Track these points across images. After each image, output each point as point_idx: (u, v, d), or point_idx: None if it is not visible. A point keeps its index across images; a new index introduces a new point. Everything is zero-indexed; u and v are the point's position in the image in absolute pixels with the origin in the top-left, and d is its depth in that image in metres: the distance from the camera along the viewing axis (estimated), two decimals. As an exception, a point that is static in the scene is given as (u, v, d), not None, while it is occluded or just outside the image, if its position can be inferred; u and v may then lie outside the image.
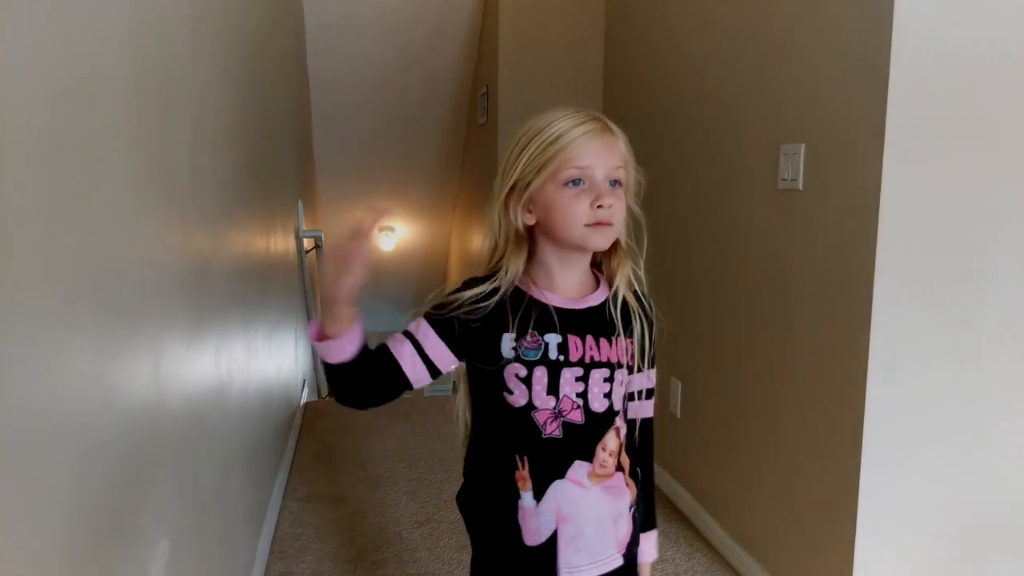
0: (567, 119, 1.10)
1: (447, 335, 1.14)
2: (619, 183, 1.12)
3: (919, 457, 1.80)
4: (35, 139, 0.77)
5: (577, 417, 1.15)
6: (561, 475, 1.16)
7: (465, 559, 2.37)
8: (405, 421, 3.87)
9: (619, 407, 1.19)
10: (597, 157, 1.10)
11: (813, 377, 1.97)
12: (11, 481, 0.72)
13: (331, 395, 5.74)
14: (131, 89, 1.11)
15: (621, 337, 1.18)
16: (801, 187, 1.98)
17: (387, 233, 7.25)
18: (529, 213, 1.14)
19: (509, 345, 1.13)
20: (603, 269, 1.21)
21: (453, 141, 6.16)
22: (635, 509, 1.25)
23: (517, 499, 1.17)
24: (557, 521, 1.16)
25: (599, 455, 1.17)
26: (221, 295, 1.81)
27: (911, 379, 1.77)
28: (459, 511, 1.30)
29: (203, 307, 1.58)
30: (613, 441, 1.19)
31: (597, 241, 1.12)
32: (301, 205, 4.58)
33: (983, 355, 1.79)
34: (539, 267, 1.17)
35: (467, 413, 1.28)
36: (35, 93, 0.78)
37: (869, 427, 1.76)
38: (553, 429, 1.14)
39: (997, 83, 1.69)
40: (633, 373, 1.21)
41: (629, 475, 1.23)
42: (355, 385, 1.14)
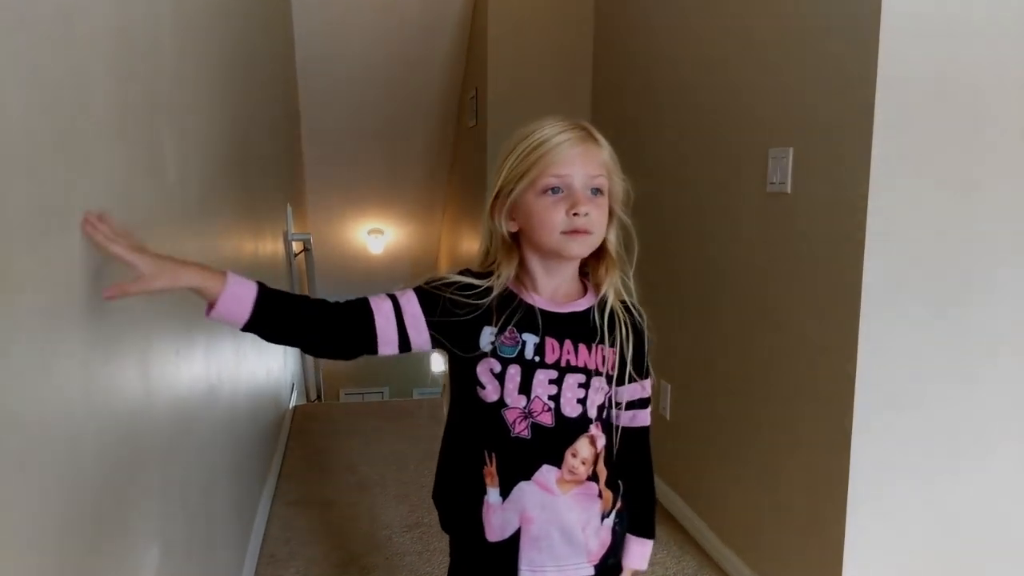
0: (550, 127, 1.11)
1: (429, 309, 1.13)
2: (600, 192, 1.12)
3: (907, 459, 1.81)
4: (20, 143, 0.76)
5: (547, 420, 1.15)
6: (528, 476, 1.16)
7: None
8: (395, 425, 3.86)
9: (594, 415, 1.18)
10: (576, 165, 1.09)
11: (801, 380, 1.98)
12: (-1, 489, 0.72)
13: (318, 398, 5.72)
14: (117, 93, 1.10)
15: (603, 345, 1.17)
16: (789, 190, 1.99)
17: (376, 236, 7.25)
18: (512, 220, 1.15)
19: (488, 339, 1.13)
20: (591, 277, 1.21)
21: (442, 144, 6.16)
22: (617, 522, 1.24)
23: (483, 494, 1.17)
24: (521, 521, 1.16)
25: (568, 460, 1.17)
26: (210, 299, 1.80)
27: (899, 382, 1.78)
28: (435, 507, 1.31)
29: (192, 312, 1.57)
30: (586, 449, 1.18)
31: (573, 249, 1.12)
32: (290, 208, 4.57)
33: (971, 357, 1.80)
34: (526, 272, 1.18)
35: (448, 405, 1.28)
36: (22, 97, 0.77)
37: (857, 430, 1.77)
38: (522, 429, 1.14)
39: (984, 88, 1.70)
40: (614, 384, 1.19)
41: (606, 485, 1.21)
42: (301, 325, 1.11)
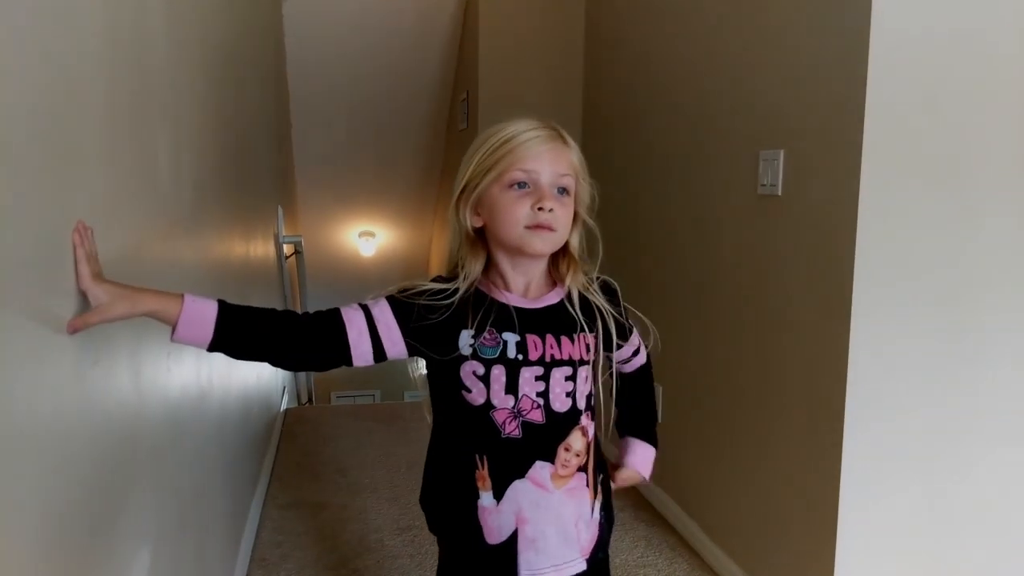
0: (519, 124, 1.12)
1: (403, 319, 1.12)
2: (567, 192, 1.12)
3: (899, 461, 1.82)
4: (10, 144, 0.76)
5: (537, 417, 1.14)
6: (521, 475, 1.15)
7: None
8: (386, 427, 3.86)
9: (583, 405, 1.19)
10: (543, 162, 1.10)
11: (793, 382, 1.98)
12: (-11, 491, 0.71)
13: (309, 402, 5.72)
14: (107, 96, 1.09)
15: (584, 333, 1.18)
16: (780, 193, 2.00)
17: (368, 238, 7.24)
18: (477, 215, 1.15)
19: (467, 342, 1.12)
20: (553, 273, 1.21)
21: (433, 147, 6.16)
22: (602, 515, 1.24)
23: (476, 499, 1.16)
24: (517, 522, 1.16)
25: (561, 455, 1.17)
26: (201, 301, 1.79)
27: (891, 381, 1.78)
28: (423, 511, 1.29)
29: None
30: (579, 441, 1.18)
31: (536, 245, 1.11)
32: (281, 211, 4.56)
33: (963, 358, 1.81)
34: (494, 269, 1.18)
35: (429, 415, 1.27)
36: (12, 99, 0.77)
37: (849, 432, 1.77)
38: (512, 429, 1.13)
39: (975, 91, 1.71)
40: (602, 353, 1.21)
41: (593, 478, 1.22)
42: (269, 341, 1.08)
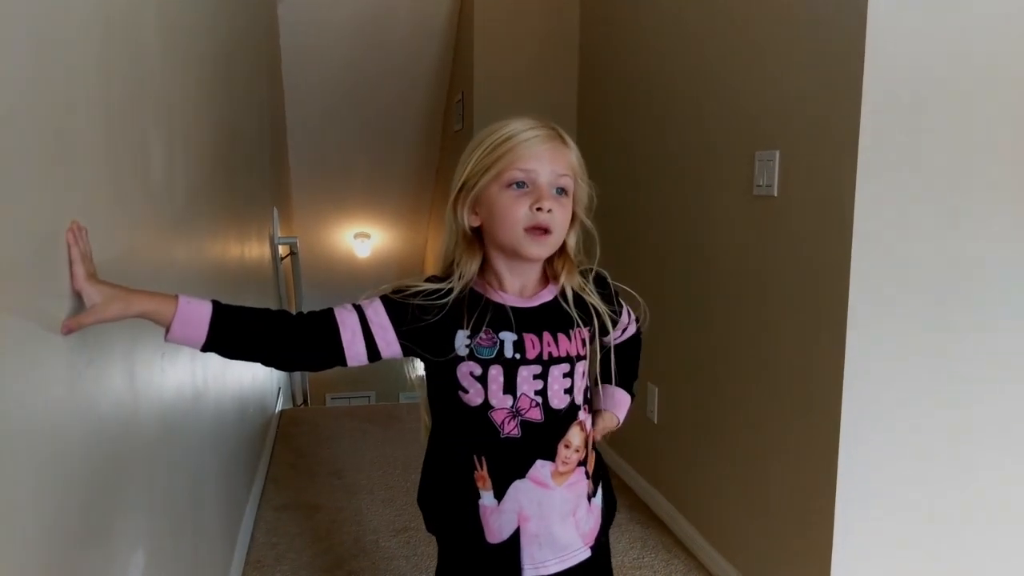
0: (518, 124, 1.12)
1: (398, 319, 1.11)
2: (565, 192, 1.12)
3: (895, 462, 1.82)
4: (4, 144, 0.76)
5: (536, 415, 1.13)
6: (522, 474, 1.15)
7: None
8: (381, 429, 3.85)
9: (581, 400, 1.19)
10: (543, 162, 1.09)
11: (789, 382, 1.98)
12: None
13: (303, 403, 5.71)
14: (101, 97, 1.09)
15: (579, 328, 1.17)
16: (776, 193, 2.00)
17: (363, 239, 7.23)
18: (475, 215, 1.14)
19: (463, 342, 1.11)
20: (548, 270, 1.20)
21: (429, 147, 6.15)
22: (596, 497, 1.25)
23: (477, 499, 1.16)
24: (519, 520, 1.16)
25: (561, 452, 1.16)
26: (196, 302, 1.79)
27: (886, 383, 1.78)
28: (420, 512, 1.29)
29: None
30: (577, 436, 1.18)
31: (533, 250, 1.10)
32: (276, 212, 4.55)
33: (958, 356, 1.81)
34: (490, 270, 1.17)
35: (427, 415, 1.27)
36: (5, 99, 0.76)
37: (845, 431, 1.78)
38: (511, 428, 1.13)
39: (969, 90, 1.72)
40: (593, 354, 1.21)
41: (593, 469, 1.23)
42: (263, 342, 1.07)
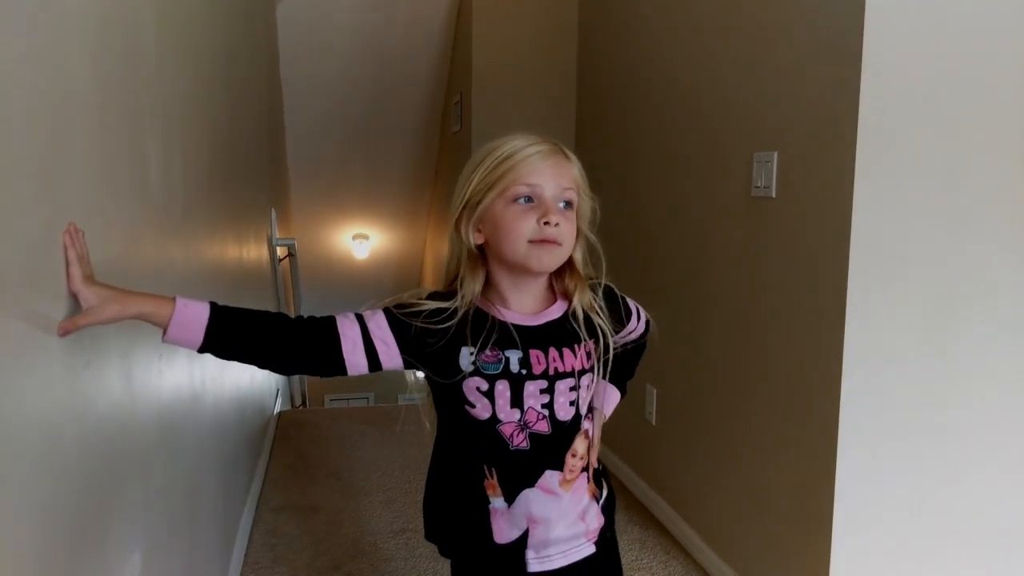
0: (520, 140, 1.11)
1: (401, 335, 1.11)
2: (570, 205, 1.12)
3: (894, 463, 1.82)
4: (2, 150, 0.76)
5: (543, 428, 1.15)
6: (531, 484, 1.16)
7: (440, 569, 2.36)
8: (380, 430, 3.85)
9: (585, 410, 1.20)
10: (547, 176, 1.09)
11: (788, 384, 1.98)
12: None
13: (302, 404, 5.70)
14: (98, 99, 1.09)
15: (586, 342, 1.17)
16: (774, 194, 2.00)
17: (361, 241, 7.23)
18: (479, 232, 1.13)
19: (468, 359, 1.11)
20: (557, 286, 1.19)
21: (427, 149, 6.15)
22: (605, 501, 1.27)
23: (487, 503, 1.17)
24: (528, 523, 1.17)
25: (568, 462, 1.18)
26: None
27: (885, 384, 1.78)
28: (424, 518, 1.29)
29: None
30: (582, 445, 1.20)
31: (542, 260, 1.10)
32: (274, 213, 4.55)
33: (957, 359, 1.81)
34: (494, 288, 1.16)
35: (429, 418, 1.27)
36: (2, 104, 0.76)
37: (843, 434, 1.77)
38: (520, 441, 1.14)
39: (967, 91, 1.72)
40: (597, 366, 1.19)
41: (593, 477, 1.24)
42: (261, 347, 1.07)
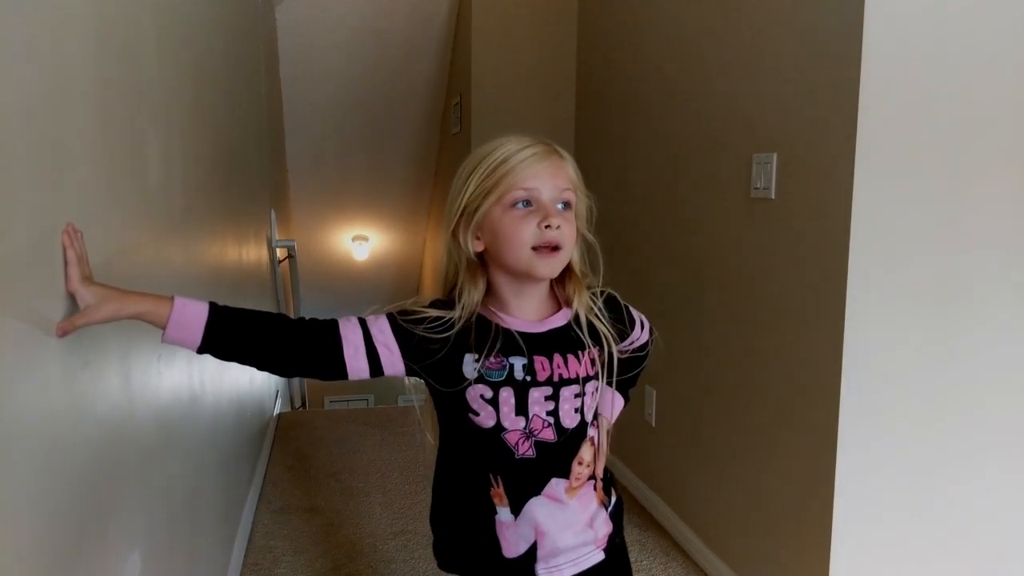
0: (513, 143, 1.10)
1: (404, 341, 1.10)
2: (569, 206, 1.10)
3: (894, 464, 1.82)
4: (2, 149, 0.76)
5: (549, 435, 1.13)
6: (537, 492, 1.15)
7: (440, 570, 2.35)
8: (379, 432, 3.85)
9: (590, 416, 1.18)
10: (544, 178, 1.07)
11: (787, 385, 1.98)
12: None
13: (302, 406, 5.70)
14: (98, 100, 1.09)
15: (590, 349, 1.16)
16: (773, 196, 2.00)
17: (361, 242, 7.22)
18: (478, 240, 1.11)
19: (471, 366, 1.10)
20: (559, 294, 1.18)
21: (427, 150, 6.15)
22: (614, 508, 1.26)
23: (494, 514, 1.16)
24: (536, 535, 1.16)
25: (575, 469, 1.17)
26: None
27: (884, 385, 1.78)
28: (432, 533, 1.28)
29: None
30: (588, 452, 1.19)
31: (543, 269, 1.08)
32: (274, 215, 4.55)
33: (957, 360, 1.81)
34: (495, 296, 1.14)
35: (432, 431, 1.25)
36: (2, 104, 0.76)
37: (843, 435, 1.77)
38: (526, 449, 1.13)
39: (967, 92, 1.72)
40: (601, 373, 1.18)
41: (598, 480, 1.22)
42: (261, 348, 1.05)
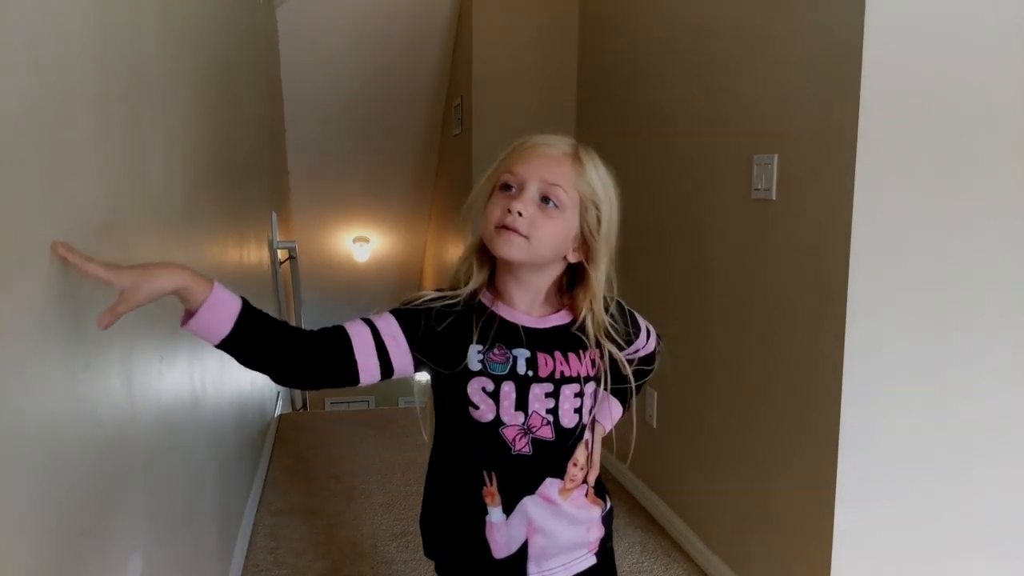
0: (538, 136, 1.11)
1: (411, 330, 1.09)
2: (555, 204, 1.07)
3: (895, 466, 1.82)
4: (3, 151, 0.76)
5: (547, 433, 1.13)
6: (532, 491, 1.14)
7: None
8: (380, 433, 3.85)
9: (588, 419, 1.18)
10: (532, 167, 1.07)
11: (789, 386, 1.98)
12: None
13: (299, 409, 5.68)
14: (100, 103, 1.09)
15: (591, 349, 1.16)
16: (774, 197, 2.00)
17: (362, 244, 7.23)
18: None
19: (476, 357, 1.10)
20: (570, 301, 1.17)
21: (427, 152, 6.15)
22: (605, 514, 1.25)
23: (485, 514, 1.15)
24: (528, 533, 1.15)
25: (569, 471, 1.17)
26: (194, 306, 1.78)
27: (886, 387, 1.78)
28: (421, 532, 1.27)
29: (176, 317, 1.56)
30: (583, 455, 1.18)
31: (500, 247, 1.07)
32: (275, 216, 4.55)
33: (958, 362, 1.81)
34: (498, 285, 1.15)
35: (428, 429, 1.24)
36: (4, 106, 0.76)
37: (845, 435, 1.77)
38: (523, 446, 1.12)
39: (967, 93, 1.72)
40: (600, 377, 1.18)
41: (594, 489, 1.22)
42: (270, 355, 1.04)
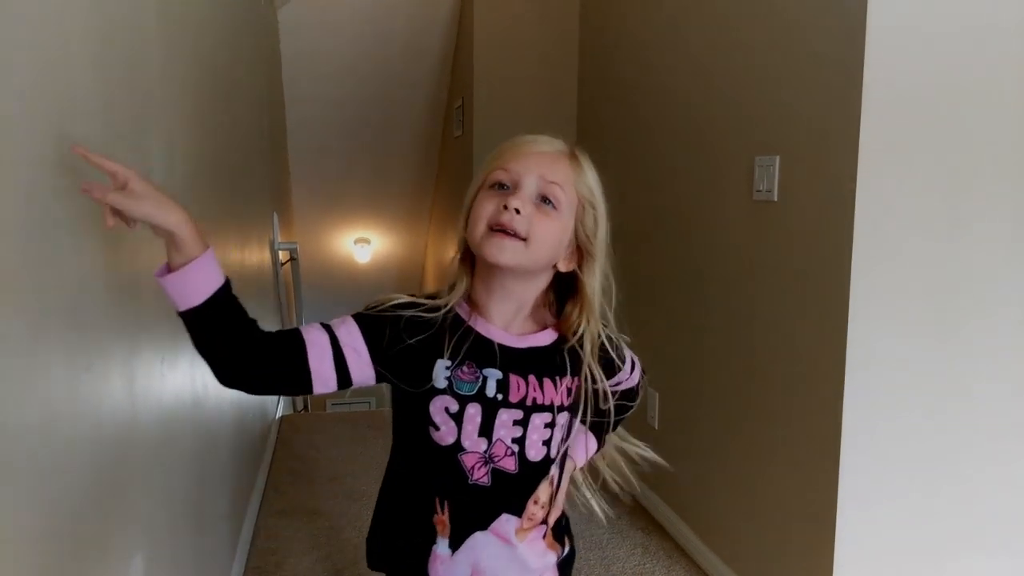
0: (525, 135, 1.03)
1: (374, 340, 0.99)
2: (553, 204, 0.98)
3: (896, 466, 1.81)
4: (6, 151, 0.76)
5: (510, 465, 1.03)
6: (484, 526, 1.05)
7: None
8: (381, 434, 3.84)
9: (556, 454, 1.08)
10: (529, 163, 0.98)
11: (790, 387, 1.98)
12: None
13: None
14: (101, 102, 1.09)
15: (568, 377, 1.05)
16: (776, 198, 2.00)
17: (363, 245, 7.23)
18: (466, 226, 1.01)
19: (443, 374, 0.99)
20: (561, 317, 1.07)
21: (429, 153, 6.16)
22: (559, 558, 1.15)
23: (432, 543, 1.05)
24: (472, 574, 1.06)
25: (529, 508, 1.06)
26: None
27: (887, 388, 1.78)
28: (366, 548, 1.17)
29: (178, 321, 1.56)
30: (545, 492, 1.08)
31: (491, 251, 0.96)
32: (276, 217, 4.55)
33: (959, 361, 1.80)
34: (476, 296, 1.05)
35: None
36: (8, 105, 0.76)
37: (847, 436, 1.77)
38: (481, 475, 1.02)
39: (968, 95, 1.72)
40: (576, 408, 1.07)
41: (553, 531, 1.12)
42: (228, 346, 0.94)
